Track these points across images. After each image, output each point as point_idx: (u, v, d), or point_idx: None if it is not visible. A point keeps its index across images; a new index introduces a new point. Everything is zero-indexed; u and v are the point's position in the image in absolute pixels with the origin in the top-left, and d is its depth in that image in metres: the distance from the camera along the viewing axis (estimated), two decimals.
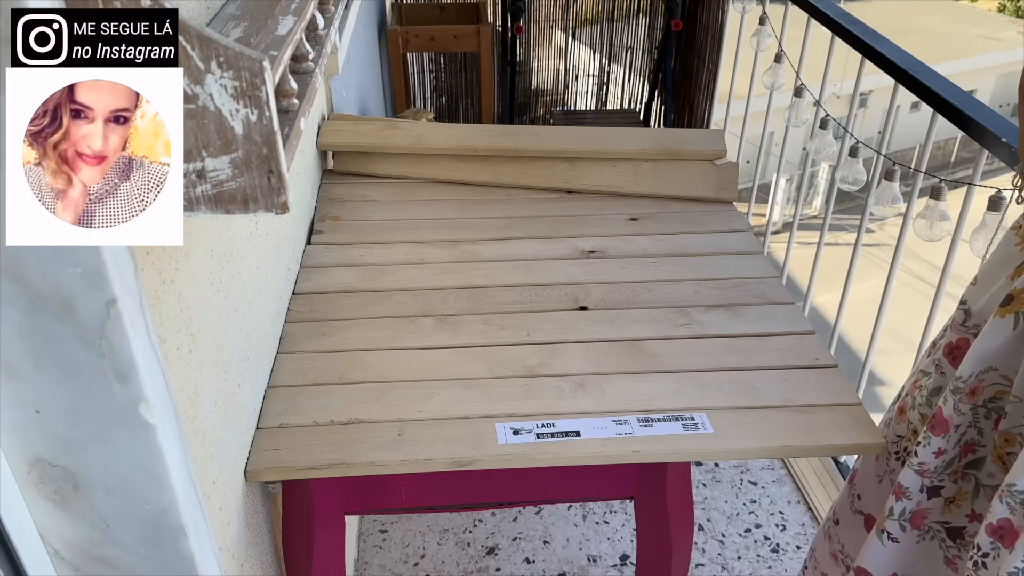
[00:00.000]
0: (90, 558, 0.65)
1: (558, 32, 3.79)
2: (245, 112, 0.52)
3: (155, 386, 0.58)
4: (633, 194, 1.50)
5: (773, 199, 3.00)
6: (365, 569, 1.63)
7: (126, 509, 0.63)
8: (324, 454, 0.93)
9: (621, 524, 1.73)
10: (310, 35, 0.77)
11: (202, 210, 0.55)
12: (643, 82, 3.88)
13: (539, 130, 1.64)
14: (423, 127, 1.62)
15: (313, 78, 0.74)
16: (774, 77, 2.10)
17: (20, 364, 0.55)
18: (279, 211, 0.56)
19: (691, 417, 0.97)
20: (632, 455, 0.94)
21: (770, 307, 1.20)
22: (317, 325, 1.15)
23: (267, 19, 0.71)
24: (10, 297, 0.52)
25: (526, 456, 0.93)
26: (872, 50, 1.53)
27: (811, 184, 8.68)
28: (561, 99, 3.99)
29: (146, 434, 0.59)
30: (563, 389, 1.02)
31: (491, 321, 1.16)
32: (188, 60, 0.49)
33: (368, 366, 1.07)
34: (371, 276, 1.27)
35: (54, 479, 0.61)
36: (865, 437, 0.96)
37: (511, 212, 1.46)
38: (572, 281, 1.25)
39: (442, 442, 0.94)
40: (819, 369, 1.07)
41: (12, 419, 0.57)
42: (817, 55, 1.88)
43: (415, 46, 2.96)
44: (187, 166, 0.53)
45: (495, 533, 1.70)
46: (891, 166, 1.53)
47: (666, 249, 1.35)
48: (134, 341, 0.55)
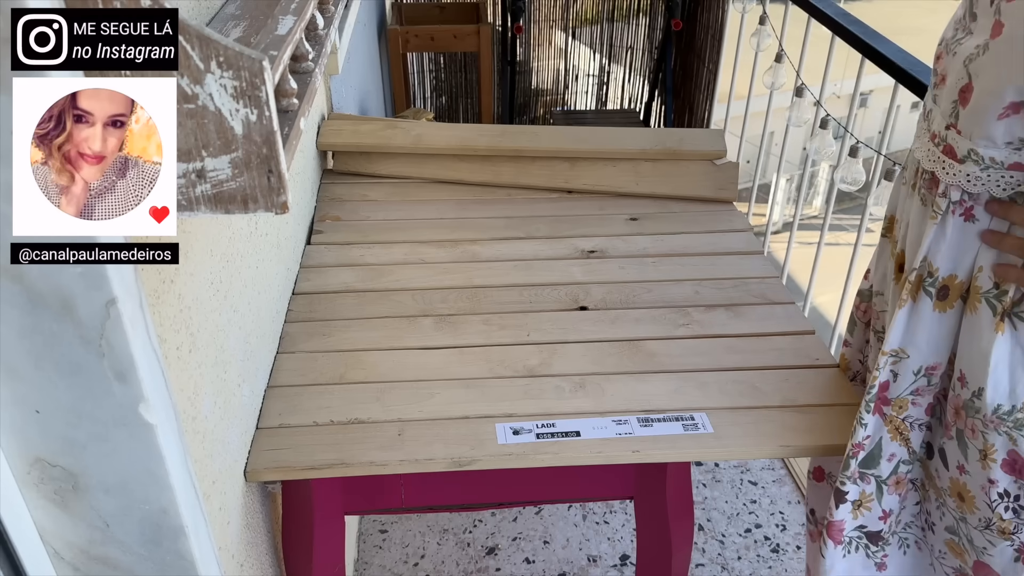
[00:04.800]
0: (90, 558, 0.65)
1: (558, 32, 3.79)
2: (245, 112, 0.52)
3: (155, 386, 0.58)
4: (633, 194, 1.50)
5: (773, 199, 3.00)
6: (365, 569, 1.63)
7: (126, 509, 0.63)
8: (324, 454, 0.93)
9: (621, 524, 1.73)
10: (310, 35, 0.77)
11: (202, 210, 0.55)
12: (643, 82, 3.88)
13: (539, 130, 1.64)
14: (423, 127, 1.62)
15: (313, 78, 0.74)
16: (774, 77, 2.10)
17: (20, 364, 0.55)
18: (279, 211, 0.56)
19: (691, 417, 0.97)
20: (632, 455, 0.94)
21: (770, 307, 1.20)
22: (317, 325, 1.15)
23: (267, 19, 0.71)
24: (10, 297, 0.52)
25: (526, 456, 0.93)
26: (872, 50, 1.53)
27: (811, 184, 8.68)
28: (561, 99, 3.99)
29: (146, 434, 0.59)
30: (563, 389, 1.02)
31: (491, 321, 1.16)
32: (188, 60, 0.50)
33: (368, 366, 1.07)
34: (371, 276, 1.27)
35: (54, 479, 0.61)
36: None
37: (511, 212, 1.46)
38: (572, 281, 1.25)
39: (442, 442, 0.94)
40: (819, 369, 1.07)
41: (12, 419, 0.57)
42: (817, 55, 1.88)
43: (415, 46, 2.96)
44: (187, 166, 0.53)
45: (495, 533, 1.71)
46: (891, 166, 1.53)
47: (666, 249, 1.35)
48: (134, 341, 0.55)
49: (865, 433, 0.90)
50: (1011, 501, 0.83)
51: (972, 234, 0.79)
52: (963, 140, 0.76)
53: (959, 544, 0.91)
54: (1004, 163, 0.74)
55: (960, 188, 0.78)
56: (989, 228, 0.78)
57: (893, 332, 0.86)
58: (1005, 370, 0.78)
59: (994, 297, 0.78)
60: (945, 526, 0.92)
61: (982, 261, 0.79)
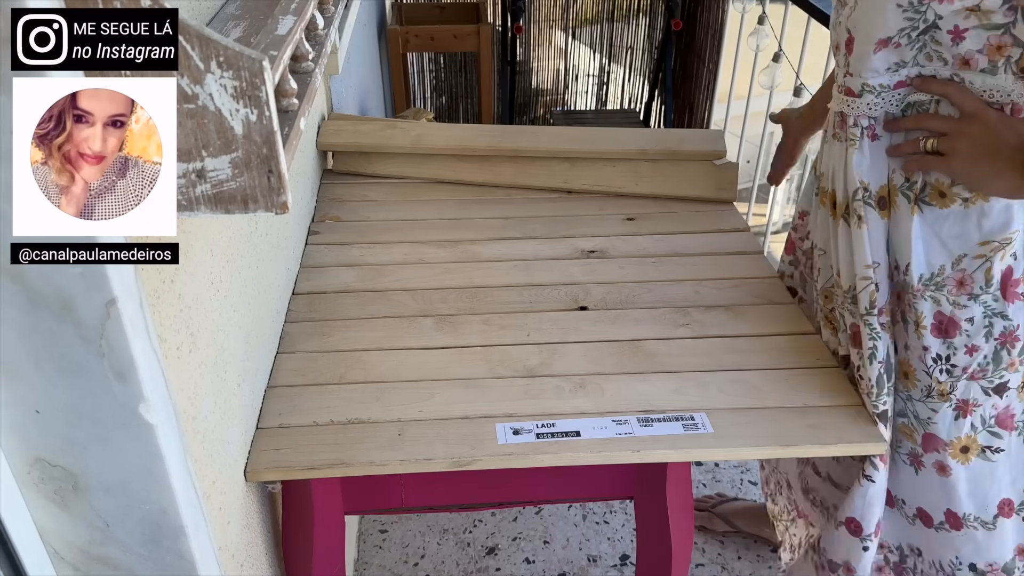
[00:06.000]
0: (90, 558, 0.65)
1: (558, 32, 3.79)
2: (245, 112, 0.52)
3: (155, 386, 0.58)
4: (633, 194, 1.50)
5: (773, 199, 2.99)
6: (365, 569, 1.63)
7: (126, 509, 0.63)
8: (324, 454, 0.93)
9: (621, 524, 1.73)
10: (310, 35, 0.77)
11: (202, 210, 0.55)
12: (643, 82, 3.88)
13: (539, 130, 1.64)
14: (423, 127, 1.62)
15: (313, 78, 0.74)
16: (771, 76, 2.10)
17: (20, 364, 0.55)
18: (279, 211, 0.56)
19: (691, 417, 0.97)
20: (632, 455, 0.94)
21: (770, 307, 1.20)
22: (317, 325, 1.15)
23: (267, 19, 0.71)
24: (10, 297, 0.52)
25: (526, 456, 0.93)
26: None
27: None
28: (561, 99, 3.99)
29: (146, 434, 0.59)
30: (563, 389, 1.02)
31: (491, 321, 1.16)
32: (188, 60, 0.50)
33: (368, 366, 1.07)
34: (371, 276, 1.27)
35: (54, 479, 0.61)
36: (865, 437, 0.96)
37: (511, 212, 1.46)
38: (572, 281, 1.25)
39: (442, 442, 0.94)
40: (819, 369, 1.07)
41: (12, 419, 0.57)
42: (817, 55, 1.88)
43: (415, 46, 2.96)
44: (187, 166, 0.53)
45: (495, 533, 1.71)
46: None
47: (666, 249, 1.35)
48: (134, 341, 0.55)
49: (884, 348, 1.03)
50: (944, 363, 0.99)
51: (881, 150, 0.98)
52: (856, 79, 0.96)
53: (908, 425, 1.06)
54: (890, 85, 0.94)
55: (865, 116, 0.97)
56: (890, 143, 0.97)
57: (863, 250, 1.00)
58: (921, 244, 0.96)
59: (907, 189, 0.96)
60: (896, 411, 1.06)
61: (894, 165, 0.97)
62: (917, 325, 0.99)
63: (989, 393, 1.00)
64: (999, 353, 0.98)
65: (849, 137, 0.99)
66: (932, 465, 1.05)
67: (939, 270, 0.96)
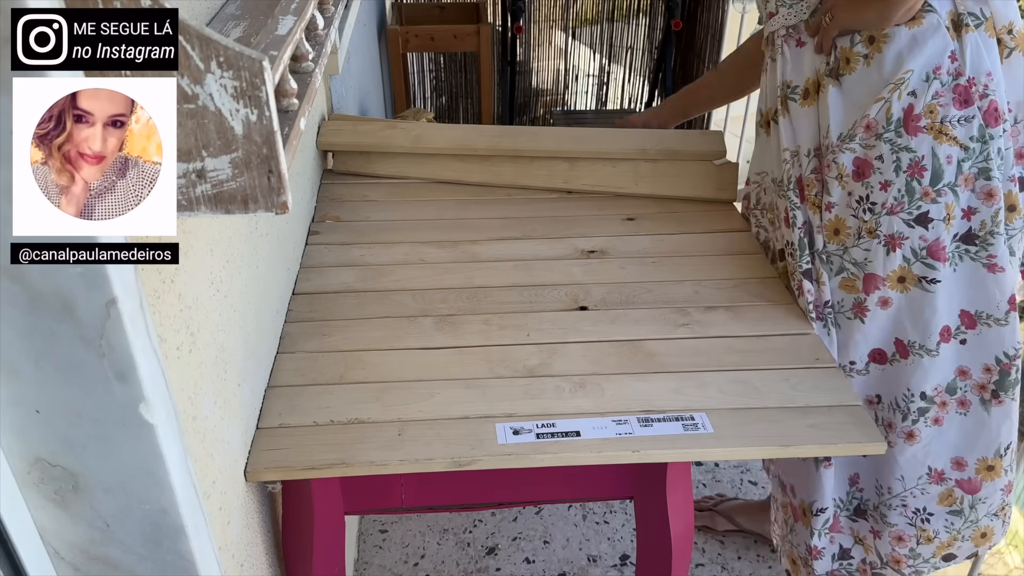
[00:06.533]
0: (90, 558, 0.65)
1: (558, 32, 3.79)
2: (245, 112, 0.52)
3: (155, 386, 0.58)
4: (633, 194, 1.50)
5: None
6: (365, 569, 1.63)
7: (126, 509, 0.63)
8: (324, 454, 0.93)
9: (621, 524, 1.73)
10: (310, 35, 0.77)
11: (202, 210, 0.55)
12: (643, 82, 3.88)
13: (538, 130, 1.64)
14: (423, 127, 1.62)
15: (313, 78, 0.74)
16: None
17: (20, 364, 0.55)
18: (279, 211, 0.56)
19: (691, 417, 0.97)
20: (632, 455, 0.94)
21: (770, 307, 1.20)
22: (317, 325, 1.15)
23: (267, 19, 0.71)
24: (10, 297, 0.52)
25: (526, 456, 0.93)
26: None
27: None
28: (561, 99, 3.99)
29: (146, 434, 0.59)
30: (563, 389, 1.02)
31: (491, 321, 1.16)
32: (188, 60, 0.50)
33: (368, 366, 1.07)
34: (371, 276, 1.27)
35: (54, 479, 0.61)
36: (865, 437, 0.96)
37: (511, 212, 1.46)
38: (572, 281, 1.25)
39: (442, 442, 0.94)
40: (819, 369, 1.07)
41: (12, 419, 0.57)
42: None
43: (415, 46, 2.96)
44: (187, 166, 0.53)
45: (495, 533, 1.71)
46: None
47: (666, 249, 1.35)
48: (134, 341, 0.55)
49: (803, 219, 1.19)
50: (866, 203, 1.11)
51: (803, 53, 1.15)
52: (773, 2, 1.18)
53: (849, 276, 1.16)
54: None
55: (783, 27, 1.17)
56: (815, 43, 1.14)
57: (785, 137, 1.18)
58: (840, 107, 1.11)
59: (827, 72, 1.12)
60: (836, 269, 1.17)
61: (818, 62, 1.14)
62: (840, 177, 1.12)
63: (912, 224, 1.10)
64: (910, 184, 1.08)
65: (772, 52, 1.19)
66: (876, 304, 1.15)
67: (852, 125, 1.10)
